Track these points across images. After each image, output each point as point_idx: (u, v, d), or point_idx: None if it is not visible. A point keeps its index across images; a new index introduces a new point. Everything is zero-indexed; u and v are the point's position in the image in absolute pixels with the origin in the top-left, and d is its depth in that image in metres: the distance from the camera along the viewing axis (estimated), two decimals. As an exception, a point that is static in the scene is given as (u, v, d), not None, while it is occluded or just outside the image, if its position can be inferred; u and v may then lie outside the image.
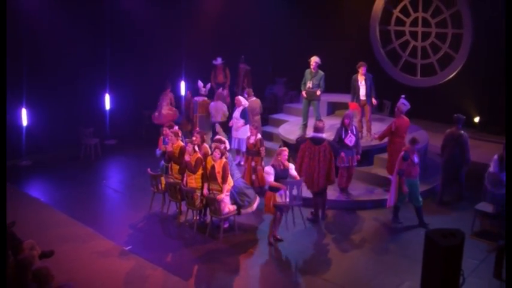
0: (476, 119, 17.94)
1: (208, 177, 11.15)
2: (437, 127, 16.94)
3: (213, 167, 11.02)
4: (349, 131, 12.28)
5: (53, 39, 15.46)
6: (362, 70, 14.26)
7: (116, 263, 9.97)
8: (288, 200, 10.88)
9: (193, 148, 11.36)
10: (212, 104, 15.55)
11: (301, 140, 12.63)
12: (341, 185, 12.77)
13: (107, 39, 16.87)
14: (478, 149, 15.39)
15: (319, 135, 11.74)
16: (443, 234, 8.31)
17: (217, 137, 12.26)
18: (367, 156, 13.85)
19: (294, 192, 10.98)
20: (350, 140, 12.28)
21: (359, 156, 12.68)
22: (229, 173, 11.09)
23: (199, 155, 11.37)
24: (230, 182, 11.20)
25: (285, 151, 10.82)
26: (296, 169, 11.34)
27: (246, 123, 14.48)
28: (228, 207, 11.06)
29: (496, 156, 11.67)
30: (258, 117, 15.50)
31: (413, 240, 10.90)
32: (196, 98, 15.92)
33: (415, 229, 11.45)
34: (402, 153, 11.28)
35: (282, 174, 10.71)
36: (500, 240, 9.55)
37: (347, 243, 11.05)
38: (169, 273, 9.64)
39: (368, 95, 14.32)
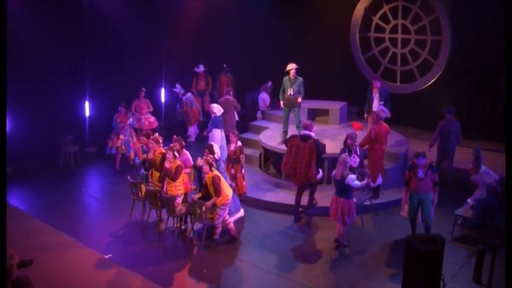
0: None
1: (204, 194, 11.15)
2: (417, 133, 17.10)
3: (205, 182, 10.98)
4: (353, 152, 11.90)
5: (31, 46, 15.34)
6: (374, 84, 14.41)
7: (96, 272, 9.88)
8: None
9: (173, 154, 11.30)
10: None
11: (291, 137, 12.70)
12: None
13: (86, 46, 16.76)
14: (457, 155, 15.48)
15: (307, 132, 12.06)
16: (424, 240, 8.37)
17: (210, 143, 12.33)
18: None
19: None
20: (354, 161, 11.81)
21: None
22: (221, 186, 10.80)
23: (179, 162, 11.33)
24: (226, 194, 10.95)
25: (348, 157, 10.92)
26: (283, 163, 12.36)
27: (209, 131, 14.51)
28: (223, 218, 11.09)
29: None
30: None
31: (395, 245, 10.95)
32: (185, 97, 17.37)
33: (396, 234, 11.49)
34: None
35: None
36: (480, 245, 9.62)
37: (328, 249, 11.05)
38: (150, 282, 9.57)
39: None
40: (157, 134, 12.66)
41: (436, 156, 14.36)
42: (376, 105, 14.34)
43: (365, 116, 14.95)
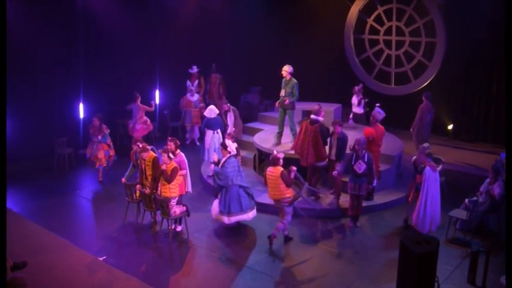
0: (450, 127, 18.13)
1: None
2: (411, 135, 17.08)
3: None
4: (360, 158, 11.69)
5: (24, 48, 15.30)
6: (335, 128, 12.97)
7: (90, 274, 9.85)
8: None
9: (168, 156, 11.27)
10: None
11: (305, 118, 13.42)
12: (348, 213, 12.25)
13: (80, 48, 16.73)
14: (450, 157, 15.54)
15: (315, 117, 12.86)
16: (418, 242, 8.38)
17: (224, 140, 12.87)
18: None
19: None
20: (359, 167, 11.65)
21: (371, 186, 12.25)
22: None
23: (175, 164, 11.28)
24: None
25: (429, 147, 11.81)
26: (294, 142, 13.31)
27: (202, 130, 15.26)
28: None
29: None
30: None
31: (389, 247, 10.95)
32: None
33: (391, 236, 11.50)
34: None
35: None
36: (474, 246, 9.65)
37: (321, 251, 11.05)
38: (144, 284, 9.54)
39: (336, 155, 12.89)
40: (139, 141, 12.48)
41: (415, 143, 15.60)
42: (334, 153, 12.95)
43: None
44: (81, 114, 16.87)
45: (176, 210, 11.34)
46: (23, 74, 15.52)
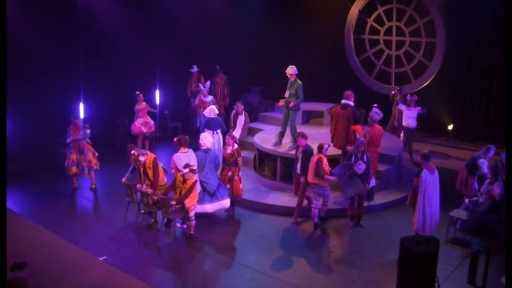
0: (450, 127, 18.13)
1: None
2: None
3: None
4: (359, 159, 11.76)
5: (25, 47, 15.32)
6: (298, 141, 12.43)
7: (90, 274, 9.83)
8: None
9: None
10: None
11: (333, 106, 14.02)
12: (347, 213, 12.27)
13: (81, 48, 16.75)
14: (451, 157, 15.56)
15: (347, 102, 13.33)
16: (418, 242, 8.37)
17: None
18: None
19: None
20: (359, 168, 11.71)
21: (368, 185, 12.16)
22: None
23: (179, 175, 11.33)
24: None
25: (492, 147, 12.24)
26: (330, 129, 13.73)
27: (201, 132, 14.78)
28: None
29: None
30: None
31: (389, 248, 10.94)
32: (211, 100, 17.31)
33: (390, 236, 11.50)
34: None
35: None
36: (474, 246, 9.65)
37: (321, 251, 11.07)
38: (145, 284, 9.54)
39: (301, 170, 12.32)
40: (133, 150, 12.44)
41: (402, 135, 16.34)
42: (299, 167, 12.40)
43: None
44: (82, 114, 16.84)
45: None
46: (23, 74, 15.54)
